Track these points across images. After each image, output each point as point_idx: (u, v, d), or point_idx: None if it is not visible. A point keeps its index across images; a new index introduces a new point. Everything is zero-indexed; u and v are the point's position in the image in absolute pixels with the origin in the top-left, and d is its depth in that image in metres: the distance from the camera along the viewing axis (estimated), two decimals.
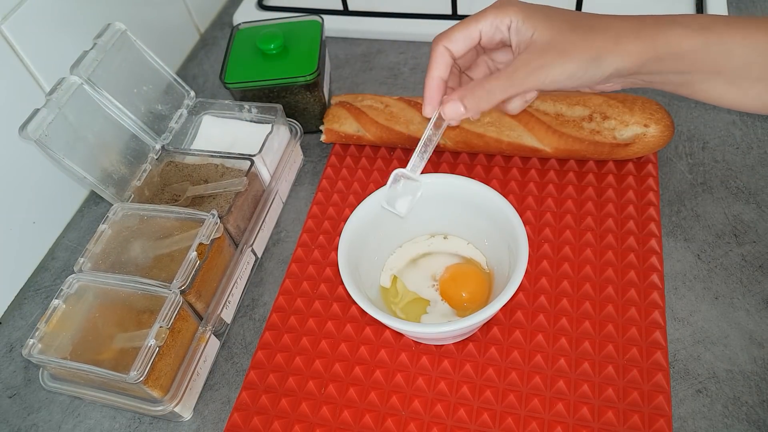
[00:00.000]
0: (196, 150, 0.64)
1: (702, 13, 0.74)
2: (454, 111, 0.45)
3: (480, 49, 0.49)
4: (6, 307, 0.64)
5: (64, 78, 0.58)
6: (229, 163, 0.62)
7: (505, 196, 0.55)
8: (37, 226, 0.66)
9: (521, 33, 0.44)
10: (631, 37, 0.42)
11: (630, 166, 0.63)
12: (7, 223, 0.62)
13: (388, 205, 0.52)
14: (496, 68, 0.50)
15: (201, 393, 0.55)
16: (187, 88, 0.68)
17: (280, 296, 0.59)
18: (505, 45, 0.47)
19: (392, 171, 0.52)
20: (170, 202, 0.60)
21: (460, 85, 0.50)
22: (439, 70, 0.46)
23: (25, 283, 0.66)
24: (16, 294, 0.65)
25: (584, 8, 0.74)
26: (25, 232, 0.65)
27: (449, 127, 0.63)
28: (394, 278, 0.57)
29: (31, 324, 0.62)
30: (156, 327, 0.48)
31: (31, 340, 0.50)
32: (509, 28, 0.44)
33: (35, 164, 0.64)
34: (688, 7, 0.76)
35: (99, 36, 0.61)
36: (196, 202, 0.60)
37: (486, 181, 0.60)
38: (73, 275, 0.53)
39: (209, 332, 0.54)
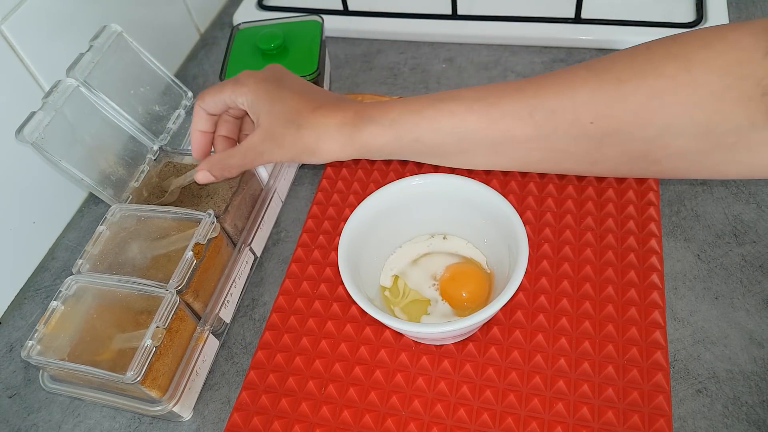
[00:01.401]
0: None
1: (702, 11, 0.74)
2: (205, 177, 0.53)
3: None
4: (6, 307, 0.64)
5: (60, 80, 0.58)
6: None
7: (505, 196, 0.55)
8: (37, 226, 0.66)
9: (252, 112, 0.50)
10: (330, 138, 0.46)
11: None
12: (7, 223, 0.62)
13: None
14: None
15: (201, 393, 0.55)
16: (184, 88, 0.68)
17: (280, 296, 0.59)
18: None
19: (390, 171, 0.52)
20: (159, 200, 0.60)
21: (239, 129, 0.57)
22: (199, 124, 0.54)
23: (25, 283, 0.66)
24: (16, 294, 0.65)
25: (584, 8, 0.75)
26: (25, 232, 0.65)
27: None
28: (396, 278, 0.57)
29: (31, 324, 0.62)
30: (153, 327, 0.48)
31: (30, 342, 0.50)
32: (243, 104, 0.50)
33: (35, 164, 0.64)
34: (688, 7, 0.76)
35: (95, 38, 0.61)
36: (188, 198, 0.60)
37: (486, 181, 0.60)
38: (71, 277, 0.53)
39: (207, 332, 0.54)
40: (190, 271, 0.52)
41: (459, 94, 0.45)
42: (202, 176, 0.53)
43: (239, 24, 0.74)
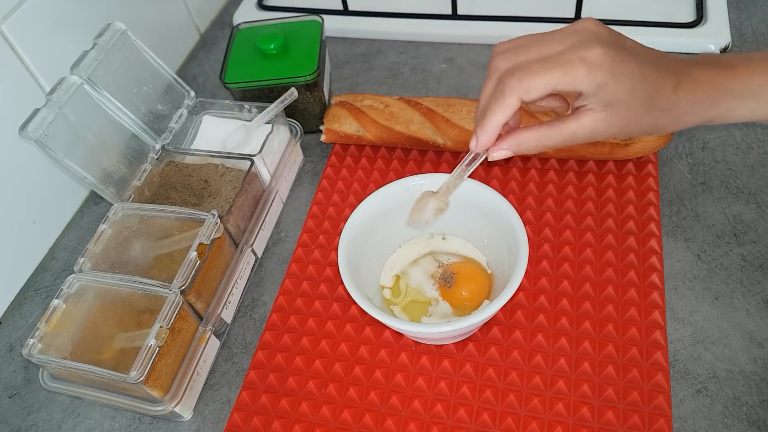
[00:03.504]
0: (196, 150, 0.64)
1: (702, 11, 0.74)
2: (503, 155, 0.46)
3: None
4: (6, 307, 0.64)
5: (64, 78, 0.58)
6: (229, 163, 0.62)
7: (505, 196, 0.55)
8: (37, 226, 0.66)
9: (603, 95, 0.41)
10: (689, 118, 0.44)
11: (630, 166, 0.63)
12: (7, 223, 0.62)
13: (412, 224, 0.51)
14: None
15: (201, 393, 0.55)
16: (187, 88, 0.68)
17: (280, 296, 0.59)
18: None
19: (390, 171, 0.51)
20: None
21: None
22: (505, 113, 0.43)
23: (25, 283, 0.66)
24: (16, 294, 0.65)
25: (584, 8, 0.75)
26: (25, 232, 0.65)
27: (449, 127, 0.64)
28: (397, 278, 0.57)
29: (31, 324, 0.62)
30: (156, 327, 0.48)
31: (31, 340, 0.50)
32: (591, 88, 0.41)
33: (35, 164, 0.64)
34: (688, 7, 0.76)
35: (99, 36, 0.61)
36: (190, 198, 0.60)
37: (486, 181, 0.60)
38: (73, 275, 0.53)
39: (209, 332, 0.54)
40: (193, 272, 0.52)
41: None
42: (501, 154, 0.46)
43: (239, 24, 0.74)
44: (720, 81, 0.44)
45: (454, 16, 0.80)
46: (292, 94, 0.64)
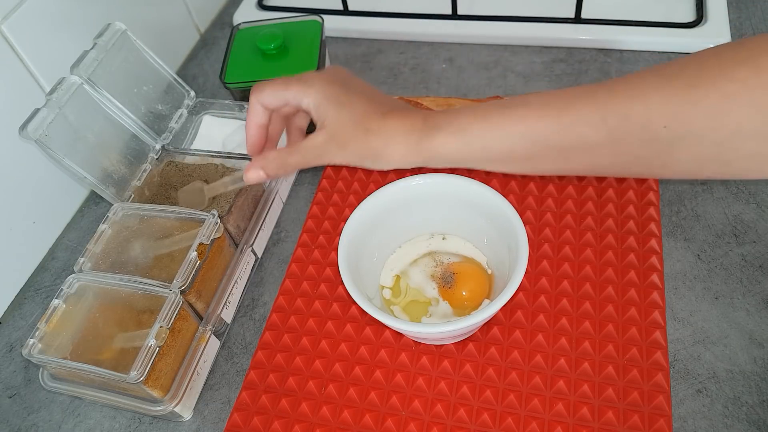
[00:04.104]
0: (196, 150, 0.64)
1: (702, 11, 0.74)
2: (256, 176, 0.51)
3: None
4: (6, 307, 0.64)
5: (64, 78, 0.58)
6: (229, 163, 0.62)
7: (505, 196, 0.55)
8: (37, 226, 0.66)
9: (317, 114, 0.48)
10: (398, 144, 0.47)
11: None
12: (7, 223, 0.62)
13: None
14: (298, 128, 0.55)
15: (201, 393, 0.55)
16: (187, 88, 0.68)
17: (280, 296, 0.59)
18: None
19: (390, 171, 0.51)
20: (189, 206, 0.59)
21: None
22: (257, 117, 0.51)
23: (25, 283, 0.66)
24: (16, 294, 0.65)
25: (584, 8, 0.75)
26: (25, 232, 0.65)
27: None
28: (397, 278, 0.57)
29: (31, 324, 0.62)
30: (156, 327, 0.48)
31: (31, 340, 0.50)
32: (309, 105, 0.49)
33: (35, 164, 0.64)
34: (688, 7, 0.76)
35: (99, 36, 0.61)
36: (189, 197, 0.60)
37: (486, 181, 0.60)
38: (73, 275, 0.53)
39: (209, 332, 0.54)
40: (193, 272, 0.52)
41: (527, 99, 0.45)
42: (253, 175, 0.51)
43: (239, 24, 0.74)
44: (430, 116, 0.47)
45: (454, 16, 0.80)
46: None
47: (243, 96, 0.69)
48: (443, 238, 0.59)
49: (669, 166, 0.44)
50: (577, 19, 0.76)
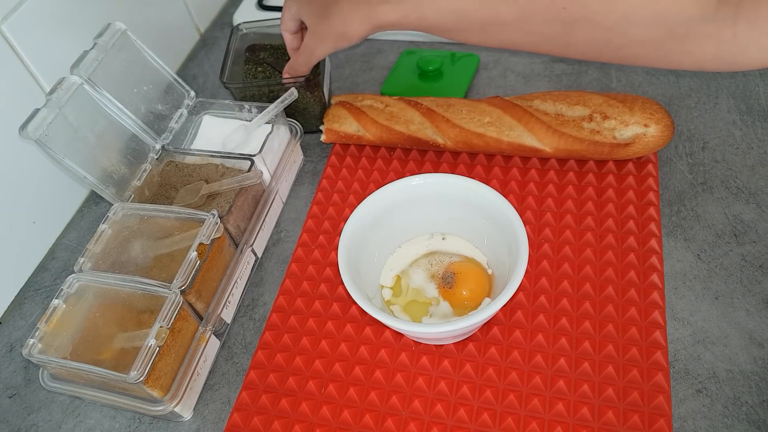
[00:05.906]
0: (196, 150, 0.64)
1: None
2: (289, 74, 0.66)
3: None
4: (6, 307, 0.64)
5: (64, 78, 0.58)
6: (229, 163, 0.62)
7: (505, 196, 0.55)
8: (37, 226, 0.66)
9: (303, 19, 0.62)
10: (353, 20, 0.57)
11: (630, 166, 0.63)
12: (7, 223, 0.62)
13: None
14: None
15: (201, 393, 0.55)
16: (187, 87, 0.68)
17: (280, 296, 0.59)
18: None
19: (390, 171, 0.51)
20: (187, 203, 0.60)
21: None
22: (290, 43, 0.67)
23: (25, 283, 0.66)
24: (16, 294, 0.65)
25: None
26: (25, 232, 0.65)
27: (449, 127, 0.64)
28: (398, 278, 0.57)
29: (31, 324, 0.62)
30: (156, 327, 0.48)
31: (31, 340, 0.50)
32: (295, 14, 0.62)
33: (35, 164, 0.64)
34: None
35: (99, 36, 0.61)
36: (190, 195, 0.60)
37: (486, 181, 0.60)
38: (73, 275, 0.53)
39: (209, 332, 0.54)
40: (193, 272, 0.52)
41: None
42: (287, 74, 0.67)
43: (239, 24, 0.74)
44: None
45: None
46: (292, 94, 0.64)
47: (243, 96, 0.69)
48: (443, 238, 0.59)
49: (572, 46, 0.52)
50: None
